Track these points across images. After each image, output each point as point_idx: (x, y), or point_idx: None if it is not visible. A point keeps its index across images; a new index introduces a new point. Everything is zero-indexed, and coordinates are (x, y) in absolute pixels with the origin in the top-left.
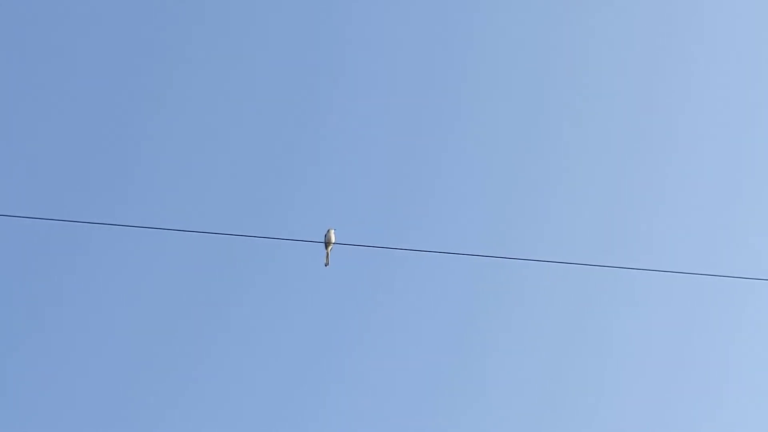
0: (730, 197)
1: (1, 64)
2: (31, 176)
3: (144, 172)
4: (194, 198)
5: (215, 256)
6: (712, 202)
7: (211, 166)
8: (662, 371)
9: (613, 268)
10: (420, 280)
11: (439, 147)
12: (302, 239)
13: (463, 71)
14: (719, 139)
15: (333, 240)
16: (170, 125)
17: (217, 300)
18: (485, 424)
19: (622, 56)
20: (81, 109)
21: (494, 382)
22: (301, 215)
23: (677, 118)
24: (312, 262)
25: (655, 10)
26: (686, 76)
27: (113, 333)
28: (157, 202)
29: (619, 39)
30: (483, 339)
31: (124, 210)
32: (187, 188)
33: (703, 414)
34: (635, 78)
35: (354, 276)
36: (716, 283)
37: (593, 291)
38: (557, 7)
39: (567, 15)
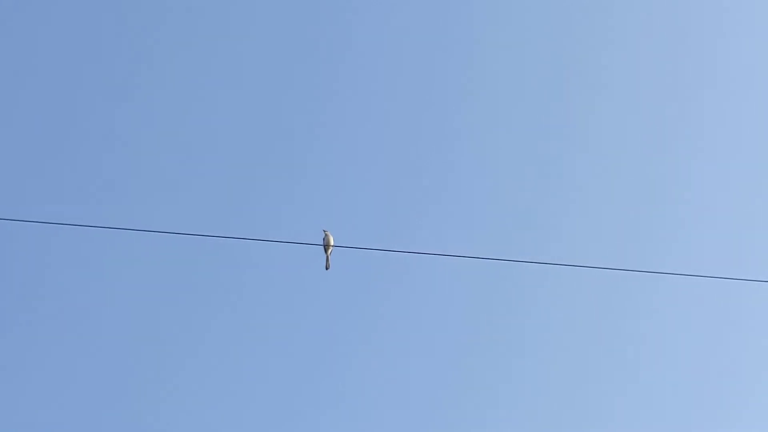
0: (745, 200)
1: None
2: (26, 178)
3: (142, 174)
4: (192, 200)
5: (215, 259)
6: (726, 205)
7: (209, 167)
8: (676, 375)
9: (624, 271)
10: (426, 283)
11: (445, 146)
12: (301, 242)
13: (469, 67)
14: (737, 140)
15: (332, 242)
16: (167, 126)
17: (217, 304)
18: (492, 430)
19: (638, 55)
20: (75, 109)
21: (501, 387)
22: (304, 217)
23: (691, 121)
24: (315, 264)
25: (673, 9)
26: (704, 75)
27: (112, 337)
28: (154, 205)
29: (635, 36)
30: (490, 344)
31: (122, 213)
32: (185, 191)
33: (719, 416)
34: (651, 77)
35: (357, 279)
36: (731, 286)
37: (603, 294)
38: (566, 7)
39: (578, 14)
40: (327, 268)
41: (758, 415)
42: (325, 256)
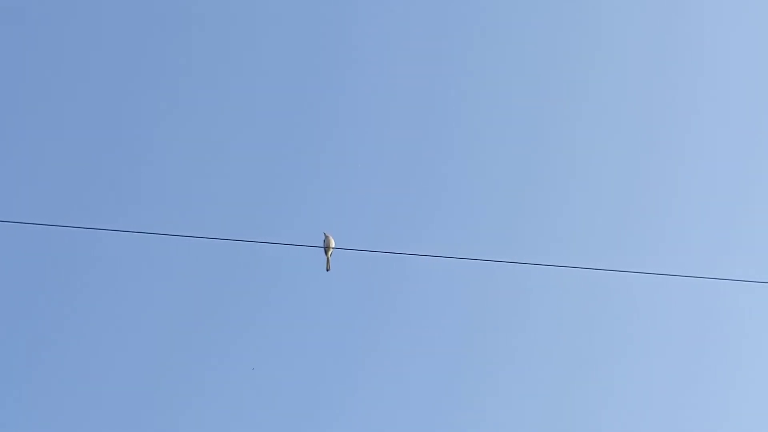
0: (737, 200)
1: (2, 66)
2: (37, 182)
3: (144, 177)
4: (193, 203)
5: (218, 262)
6: (719, 205)
7: (210, 170)
8: (672, 377)
9: (621, 273)
10: (426, 285)
11: (443, 149)
12: (302, 244)
13: (468, 71)
14: (727, 141)
15: (332, 244)
16: (171, 130)
17: (220, 305)
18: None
19: (630, 58)
20: (83, 114)
21: (500, 389)
22: (306, 219)
23: (682, 122)
24: (318, 266)
25: (663, 11)
26: (694, 77)
27: (114, 338)
28: (157, 208)
29: (627, 38)
30: (489, 344)
31: (125, 216)
32: (187, 193)
33: (711, 418)
34: (643, 80)
35: (358, 281)
36: (722, 286)
37: (599, 295)
38: (563, 8)
39: (573, 15)
40: (328, 270)
41: (750, 416)
42: (325, 258)
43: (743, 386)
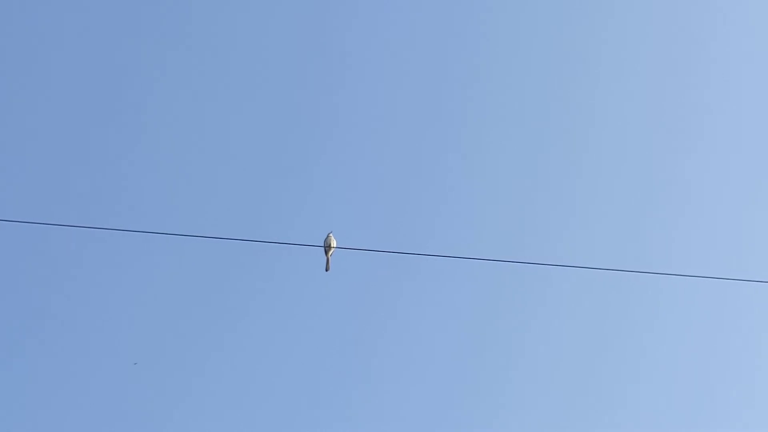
0: (744, 200)
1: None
2: (32, 180)
3: (144, 175)
4: (193, 202)
5: (218, 261)
6: (725, 205)
7: (210, 169)
8: (678, 376)
9: (631, 273)
10: (427, 285)
11: (449, 146)
12: (302, 243)
13: (473, 69)
14: (736, 141)
15: (333, 244)
16: (169, 128)
17: (219, 305)
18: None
19: (638, 57)
20: (82, 113)
21: (505, 389)
22: (306, 219)
23: (690, 121)
24: (318, 266)
25: (671, 9)
26: (703, 76)
27: (113, 338)
28: (156, 207)
29: (635, 37)
30: (492, 346)
31: (123, 214)
32: (186, 192)
33: (718, 417)
34: (652, 79)
35: (359, 281)
36: (731, 286)
37: (607, 295)
38: (566, 8)
39: (577, 16)
40: (327, 270)
41: (758, 416)
42: (325, 257)
43: (756, 386)
